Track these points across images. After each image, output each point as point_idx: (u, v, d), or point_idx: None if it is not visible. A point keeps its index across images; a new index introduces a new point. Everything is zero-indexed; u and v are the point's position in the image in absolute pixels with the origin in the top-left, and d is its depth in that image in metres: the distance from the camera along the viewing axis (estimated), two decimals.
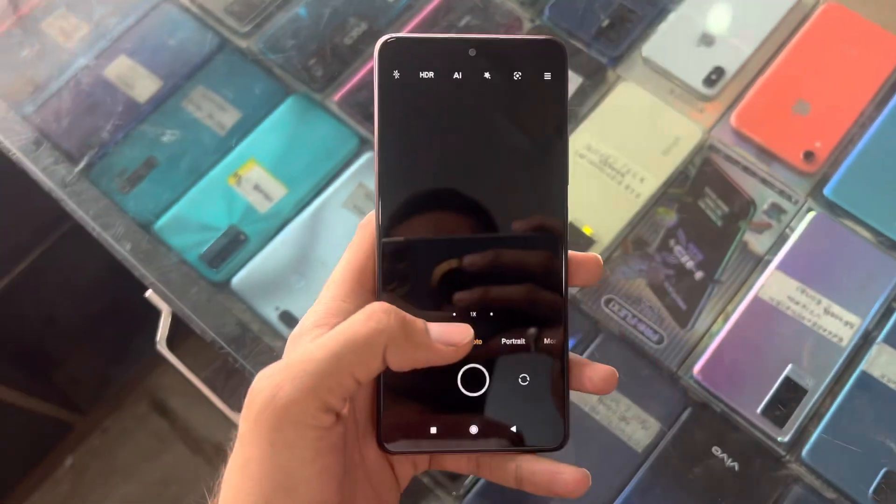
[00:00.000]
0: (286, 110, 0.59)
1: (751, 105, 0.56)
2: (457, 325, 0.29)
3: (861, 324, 0.49)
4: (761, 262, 0.52)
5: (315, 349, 0.26)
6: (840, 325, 0.50)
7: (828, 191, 0.53)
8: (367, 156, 0.57)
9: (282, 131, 0.59)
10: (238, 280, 0.54)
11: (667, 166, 0.55)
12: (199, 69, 0.61)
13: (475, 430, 0.29)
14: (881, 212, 0.52)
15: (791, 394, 0.48)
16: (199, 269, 0.55)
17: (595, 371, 0.30)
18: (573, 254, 0.31)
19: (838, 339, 0.49)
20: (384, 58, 0.30)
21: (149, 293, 0.54)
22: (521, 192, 0.30)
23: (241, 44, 0.61)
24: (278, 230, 0.56)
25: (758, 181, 0.54)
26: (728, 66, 0.57)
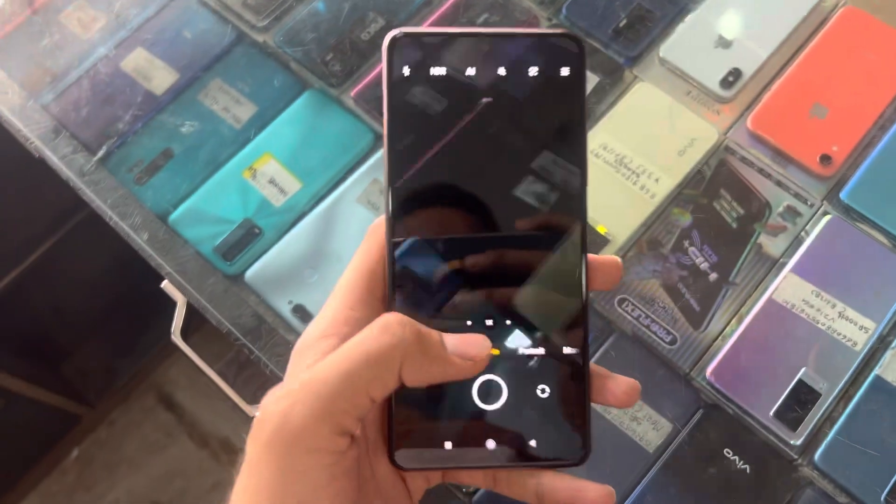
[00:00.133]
0: (302, 105, 0.60)
1: (768, 107, 0.56)
2: (473, 337, 0.28)
3: (876, 328, 0.49)
4: (776, 264, 0.52)
5: (326, 368, 0.25)
6: (854, 329, 0.49)
7: (844, 194, 0.53)
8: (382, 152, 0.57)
9: (297, 126, 0.59)
10: (252, 273, 0.54)
11: (682, 167, 0.55)
12: (216, 63, 0.61)
13: (492, 445, 0.28)
14: None
15: (804, 397, 0.48)
16: (213, 262, 0.55)
17: (617, 384, 0.29)
18: (592, 256, 0.29)
19: (852, 343, 0.49)
20: (393, 54, 0.29)
21: (164, 283, 0.54)
22: (539, 193, 0.29)
23: (258, 38, 0.61)
24: (293, 224, 0.56)
25: (773, 183, 0.54)
26: (745, 69, 0.57)
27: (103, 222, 0.56)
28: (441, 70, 0.29)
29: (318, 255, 0.55)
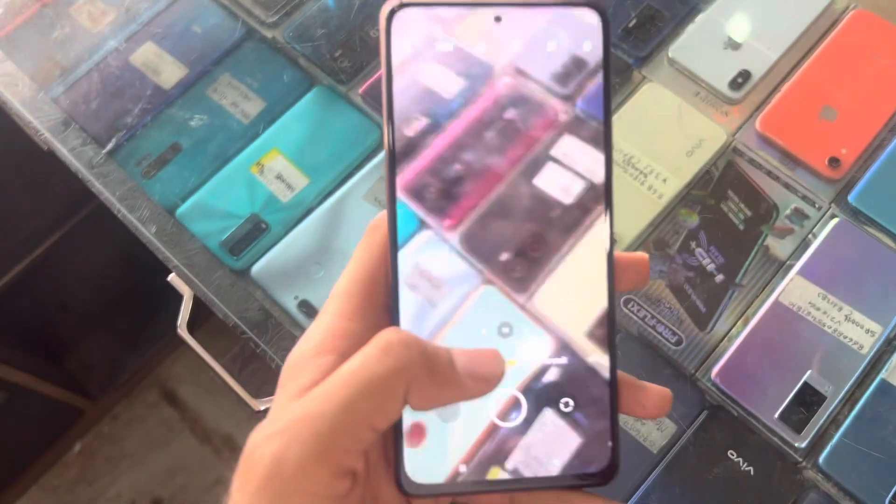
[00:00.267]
0: (310, 101, 0.60)
1: (776, 109, 0.56)
2: (486, 353, 0.25)
3: (882, 332, 0.49)
4: (783, 266, 0.52)
5: (322, 399, 0.22)
6: (861, 332, 0.49)
7: (852, 197, 0.53)
8: None
9: (305, 122, 0.59)
10: (258, 268, 0.54)
11: (690, 168, 0.54)
12: (225, 58, 0.61)
13: (511, 465, 0.25)
14: None
15: (809, 400, 0.48)
16: (219, 256, 0.55)
17: (648, 394, 0.26)
18: (619, 254, 0.27)
19: (859, 347, 0.49)
20: (393, 29, 0.26)
21: (171, 276, 0.54)
22: (560, 181, 0.26)
23: (268, 34, 0.62)
24: (299, 220, 0.56)
25: (781, 186, 0.54)
26: (755, 70, 0.57)
27: (109, 217, 0.56)
28: (448, 46, 0.26)
29: (325, 251, 0.55)
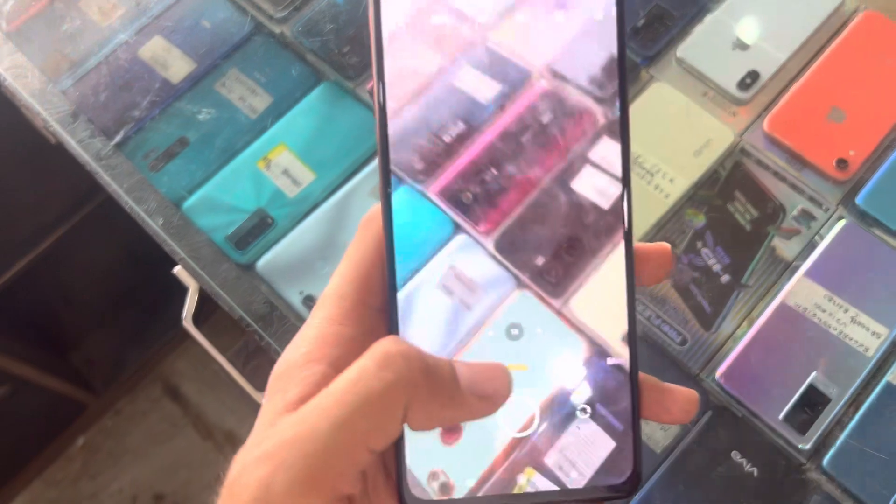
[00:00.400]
0: (317, 97, 0.60)
1: (785, 110, 0.55)
2: (492, 367, 0.23)
3: (888, 334, 0.49)
4: (789, 268, 0.52)
5: (314, 417, 0.20)
6: (867, 334, 0.49)
7: (860, 199, 0.53)
8: None
9: (312, 118, 0.59)
10: (263, 263, 0.55)
11: (697, 168, 0.54)
12: (234, 52, 0.61)
13: (524, 479, 0.24)
14: None
15: (814, 401, 0.48)
16: (225, 251, 0.55)
17: (673, 398, 0.24)
18: (639, 245, 0.25)
19: (864, 349, 0.49)
20: None
21: (177, 269, 0.54)
22: (573, 167, 0.25)
23: (276, 29, 0.62)
24: (305, 215, 0.56)
25: (788, 187, 0.54)
26: (763, 71, 0.57)
27: (115, 212, 0.57)
28: (443, 16, 0.25)
29: (331, 246, 0.55)
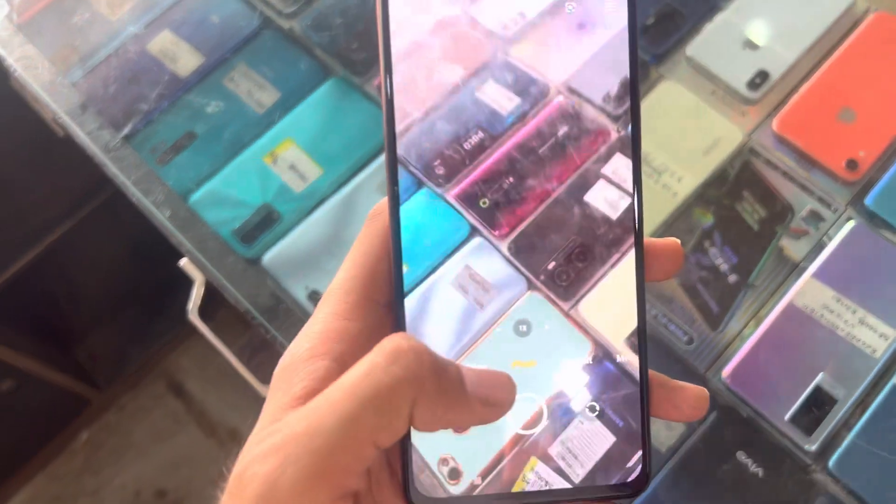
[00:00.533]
0: (325, 93, 0.60)
1: (794, 110, 0.55)
2: (497, 375, 0.22)
3: None
4: (797, 268, 0.51)
5: (322, 412, 0.20)
6: (874, 336, 0.49)
7: (869, 201, 0.52)
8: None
9: (320, 113, 0.59)
10: (269, 258, 0.55)
11: (705, 167, 0.54)
12: (242, 47, 0.61)
13: (533, 476, 0.23)
14: None
15: (821, 403, 0.47)
16: (231, 245, 0.55)
17: (683, 396, 0.24)
18: (649, 241, 0.25)
19: (872, 351, 0.48)
20: None
21: (184, 261, 0.54)
22: (587, 178, 0.25)
23: (285, 24, 0.62)
24: (312, 210, 0.56)
25: (797, 187, 0.53)
26: (773, 71, 0.56)
27: (121, 207, 0.57)
28: (453, 8, 0.25)
29: (336, 242, 0.55)
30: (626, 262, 0.25)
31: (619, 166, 0.26)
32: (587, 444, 0.24)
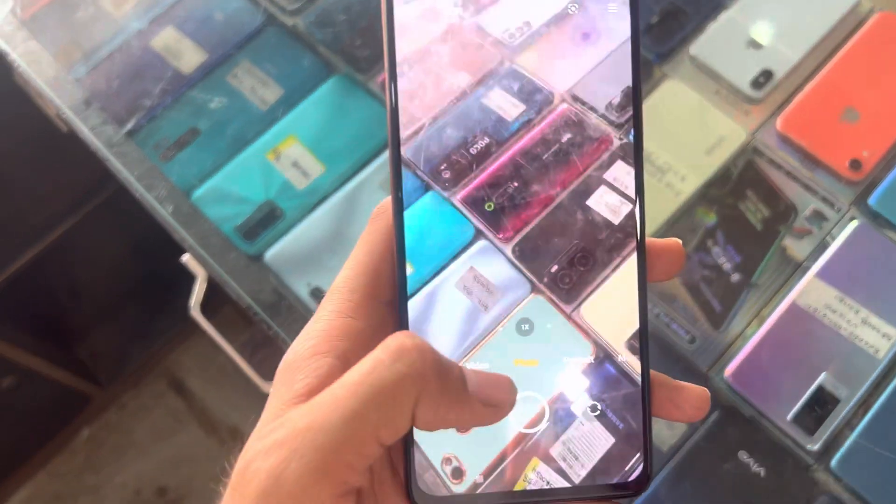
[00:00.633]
0: (328, 90, 0.60)
1: (798, 110, 0.55)
2: (499, 378, 0.23)
3: None
4: (800, 268, 0.51)
5: (326, 408, 0.20)
6: (877, 336, 0.49)
7: (872, 201, 0.52)
8: None
9: (323, 110, 0.59)
10: (272, 254, 0.54)
11: (709, 166, 0.54)
12: (245, 44, 0.61)
13: (534, 476, 0.24)
14: None
15: (823, 402, 0.47)
16: (233, 241, 0.55)
17: (685, 396, 0.24)
18: (651, 241, 0.26)
19: (874, 351, 0.48)
20: None
21: (186, 257, 0.54)
22: (589, 184, 0.26)
23: (288, 21, 0.62)
24: (314, 207, 0.56)
25: (800, 187, 0.53)
26: (777, 70, 0.56)
27: (123, 204, 0.57)
28: (457, 5, 0.25)
29: (339, 239, 0.55)
30: (627, 266, 0.26)
31: (621, 172, 0.27)
32: (588, 445, 0.24)
